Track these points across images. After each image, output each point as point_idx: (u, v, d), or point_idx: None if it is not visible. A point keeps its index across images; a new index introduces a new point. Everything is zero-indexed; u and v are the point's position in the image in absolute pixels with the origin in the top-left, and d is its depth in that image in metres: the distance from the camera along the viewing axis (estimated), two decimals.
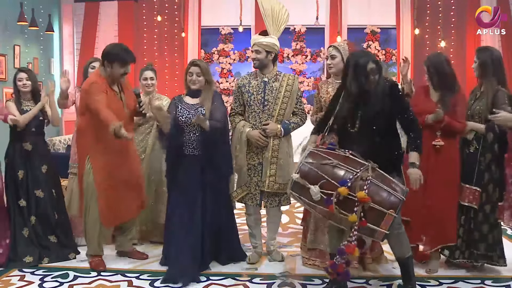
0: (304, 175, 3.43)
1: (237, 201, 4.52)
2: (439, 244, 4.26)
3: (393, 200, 3.26)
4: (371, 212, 3.27)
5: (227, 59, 10.19)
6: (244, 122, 4.44)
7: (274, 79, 4.42)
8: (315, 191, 3.34)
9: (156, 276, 4.19)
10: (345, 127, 3.66)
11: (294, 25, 10.04)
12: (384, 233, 3.25)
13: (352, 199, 3.27)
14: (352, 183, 3.30)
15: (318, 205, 3.40)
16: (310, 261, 4.40)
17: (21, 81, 4.59)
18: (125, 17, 10.34)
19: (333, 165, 3.41)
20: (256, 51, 4.40)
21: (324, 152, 3.53)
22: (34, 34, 9.45)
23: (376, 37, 10.01)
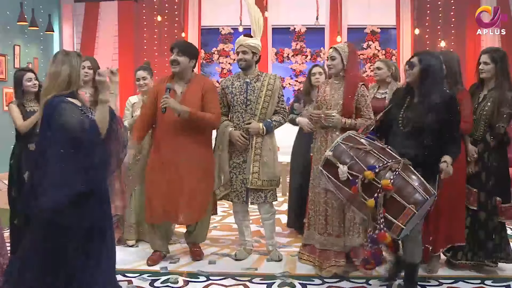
0: (337, 154, 3.52)
1: (222, 198, 4.62)
2: (447, 245, 4.27)
3: (417, 197, 3.27)
4: (392, 203, 3.29)
5: (227, 59, 10.21)
6: (227, 122, 4.57)
7: (256, 79, 4.54)
8: (344, 169, 3.43)
9: (156, 276, 4.20)
10: (396, 124, 3.68)
11: (294, 25, 10.06)
12: (401, 227, 3.25)
13: (376, 185, 3.32)
14: (380, 170, 3.35)
15: (343, 186, 3.46)
16: (305, 256, 4.41)
17: (31, 81, 4.51)
18: (125, 17, 10.35)
19: (367, 150, 3.49)
20: (244, 51, 4.51)
21: (362, 138, 3.61)
22: (34, 34, 9.46)
23: (376, 37, 10.03)
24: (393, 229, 3.32)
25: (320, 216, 4.21)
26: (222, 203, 5.50)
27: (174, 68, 4.43)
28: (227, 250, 4.95)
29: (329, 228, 4.18)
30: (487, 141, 4.23)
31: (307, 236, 4.38)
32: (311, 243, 4.34)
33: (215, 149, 4.60)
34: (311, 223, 4.34)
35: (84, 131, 3.02)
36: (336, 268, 4.16)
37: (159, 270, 4.36)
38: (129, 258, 4.65)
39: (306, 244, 4.41)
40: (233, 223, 5.85)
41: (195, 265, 4.51)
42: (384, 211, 3.30)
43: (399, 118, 3.68)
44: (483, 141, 4.25)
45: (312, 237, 4.32)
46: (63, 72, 3.11)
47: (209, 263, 4.53)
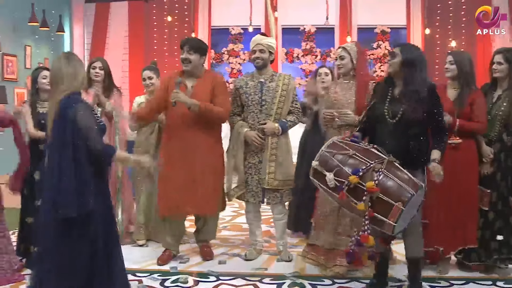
0: (322, 163, 3.55)
1: (237, 198, 4.63)
2: (459, 247, 4.24)
3: (403, 193, 3.28)
4: (380, 203, 3.31)
5: (237, 59, 10.21)
6: (242, 123, 4.56)
7: (271, 79, 4.53)
8: (330, 177, 3.45)
9: (166, 276, 4.21)
10: (383, 118, 3.67)
11: (304, 25, 10.04)
12: (393, 225, 3.26)
13: (362, 188, 3.33)
14: (364, 173, 3.37)
15: (333, 193, 3.49)
16: (309, 255, 4.42)
17: (46, 79, 4.49)
18: (135, 17, 10.38)
19: (350, 155, 3.50)
20: (261, 50, 4.51)
21: (345, 144, 3.62)
22: (45, 34, 9.50)
23: (386, 37, 9.99)
24: (386, 227, 3.34)
25: (331, 216, 4.21)
26: (232, 203, 5.50)
27: (186, 66, 4.46)
28: (237, 250, 4.95)
29: (340, 228, 4.18)
30: (503, 141, 4.21)
31: (314, 236, 4.38)
32: (316, 243, 4.34)
33: (229, 150, 4.60)
34: (319, 223, 4.33)
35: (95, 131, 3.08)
36: (339, 268, 4.15)
37: (169, 269, 4.37)
38: (139, 258, 4.66)
39: (311, 244, 4.41)
40: (243, 223, 5.87)
41: (205, 265, 4.52)
42: (372, 212, 3.31)
43: (385, 111, 3.67)
44: (499, 141, 4.22)
45: (319, 237, 4.31)
46: (81, 73, 3.21)
47: (219, 263, 4.54)
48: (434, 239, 4.17)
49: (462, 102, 4.13)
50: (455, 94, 4.22)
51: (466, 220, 4.19)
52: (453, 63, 4.20)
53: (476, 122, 4.12)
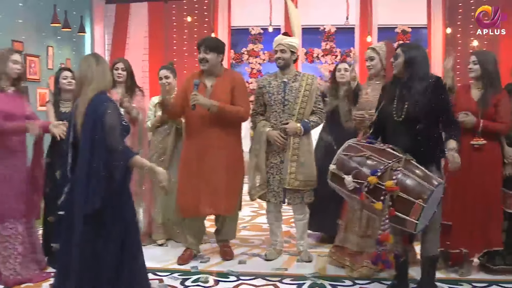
0: (340, 166, 3.56)
1: (259, 198, 4.62)
2: (484, 249, 4.19)
3: (423, 190, 3.28)
4: (401, 202, 3.30)
5: (256, 59, 10.21)
6: (264, 122, 4.56)
7: (294, 79, 4.51)
8: (349, 180, 3.45)
9: (187, 275, 4.23)
10: (391, 118, 3.67)
11: (324, 25, 10.01)
12: (415, 223, 3.25)
13: (382, 188, 3.33)
14: (382, 173, 3.37)
15: (353, 195, 3.49)
16: (335, 256, 4.43)
17: (66, 79, 4.58)
18: (155, 18, 10.43)
19: (367, 156, 3.50)
20: (282, 50, 4.49)
21: (361, 145, 3.63)
22: (66, 35, 9.59)
23: (407, 36, 9.91)
24: (408, 225, 3.33)
25: (363, 219, 4.20)
26: (251, 203, 5.50)
27: (203, 66, 4.47)
28: (257, 250, 4.95)
29: (369, 230, 4.16)
30: None
31: (342, 238, 4.37)
32: (343, 245, 4.32)
33: (251, 149, 4.60)
34: (348, 226, 4.32)
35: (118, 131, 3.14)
36: (366, 269, 4.14)
37: (190, 269, 4.38)
38: (160, 257, 4.69)
39: (337, 245, 4.40)
40: (262, 223, 5.88)
41: (225, 264, 4.53)
42: (393, 211, 3.31)
43: (393, 110, 3.67)
44: None
45: (347, 239, 4.30)
46: (109, 73, 3.32)
47: (239, 263, 4.54)
48: (459, 241, 4.13)
49: (486, 103, 4.08)
50: (478, 95, 4.17)
51: (490, 222, 4.14)
52: (477, 63, 4.16)
53: (500, 122, 4.07)
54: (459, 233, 4.13)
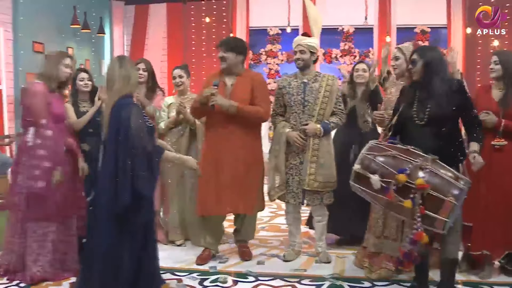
0: (364, 166, 3.52)
1: (278, 199, 4.60)
2: (506, 251, 4.13)
3: (453, 188, 3.26)
4: (430, 200, 3.27)
5: (274, 60, 10.22)
6: (284, 123, 4.54)
7: (314, 80, 4.49)
8: (375, 179, 3.41)
9: (206, 276, 4.23)
10: (412, 121, 3.65)
11: (342, 25, 9.98)
12: (444, 221, 3.22)
13: (411, 186, 3.30)
14: (410, 171, 3.33)
15: (378, 195, 3.46)
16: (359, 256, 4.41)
17: (83, 81, 4.64)
18: (173, 18, 10.50)
19: (393, 155, 3.47)
20: (301, 51, 4.48)
21: (384, 145, 3.60)
22: (86, 36, 9.68)
23: (426, 36, 9.87)
24: (437, 224, 3.30)
25: (378, 219, 4.19)
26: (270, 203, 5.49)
27: (222, 64, 4.50)
28: (275, 251, 4.94)
29: (386, 231, 4.14)
30: None
31: (366, 238, 4.36)
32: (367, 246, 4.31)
33: (271, 150, 4.59)
34: (371, 226, 4.31)
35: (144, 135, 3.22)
36: (385, 271, 4.11)
37: (208, 269, 4.39)
38: (179, 257, 4.70)
39: (363, 246, 4.40)
40: (281, 224, 5.87)
41: (244, 265, 4.52)
42: (423, 209, 3.28)
43: (413, 114, 3.64)
44: None
45: (368, 240, 4.29)
46: (133, 76, 3.37)
47: (258, 264, 4.53)
48: (481, 244, 4.08)
49: (507, 103, 4.04)
50: (500, 95, 4.13)
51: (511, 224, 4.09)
52: (498, 63, 4.11)
53: None
54: (480, 235, 4.09)
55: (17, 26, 8.20)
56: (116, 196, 3.16)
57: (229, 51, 4.47)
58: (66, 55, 4.34)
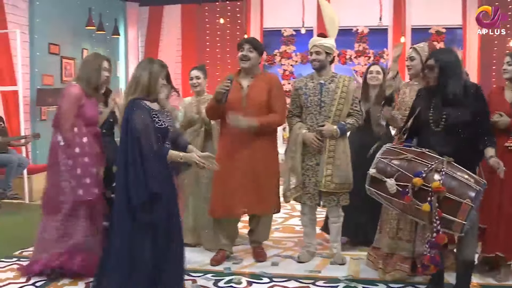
0: (380, 170, 3.52)
1: (293, 200, 4.59)
2: None
3: (470, 190, 3.24)
4: (447, 203, 3.26)
5: (289, 61, 10.20)
6: (300, 124, 4.51)
7: (330, 81, 4.47)
8: (391, 183, 3.41)
9: (220, 276, 4.23)
10: (428, 126, 3.63)
11: (357, 26, 9.95)
12: (462, 223, 3.21)
13: (427, 190, 3.29)
14: (426, 174, 3.32)
15: (394, 198, 3.45)
16: (372, 258, 4.40)
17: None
18: (188, 20, 10.53)
19: (408, 159, 3.46)
20: (317, 52, 4.46)
21: (399, 149, 3.59)
22: (101, 38, 9.74)
23: (441, 37, 9.80)
24: (454, 227, 3.28)
25: (392, 220, 4.17)
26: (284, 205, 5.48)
27: (244, 63, 4.46)
28: (290, 252, 4.93)
29: (400, 232, 4.12)
30: None
31: (377, 239, 4.35)
32: (379, 246, 4.29)
33: (287, 151, 4.58)
34: (383, 227, 4.29)
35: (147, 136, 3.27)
36: (399, 272, 4.09)
37: (223, 270, 4.39)
38: (193, 258, 4.69)
39: (375, 247, 4.38)
40: (295, 225, 5.87)
41: (258, 266, 4.52)
42: (440, 212, 3.26)
43: (430, 118, 3.62)
44: None
45: (381, 240, 4.27)
46: (142, 78, 3.38)
47: (272, 265, 4.53)
48: (495, 245, 4.06)
49: None
50: None
51: None
52: (511, 63, 4.08)
53: None
54: (494, 237, 4.06)
55: (33, 28, 8.29)
56: (128, 195, 3.25)
57: (254, 50, 4.47)
58: (105, 58, 4.35)
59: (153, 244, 3.36)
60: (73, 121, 4.12)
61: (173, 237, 3.46)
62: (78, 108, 4.13)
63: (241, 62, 4.47)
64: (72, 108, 4.11)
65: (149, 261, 3.34)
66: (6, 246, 5.02)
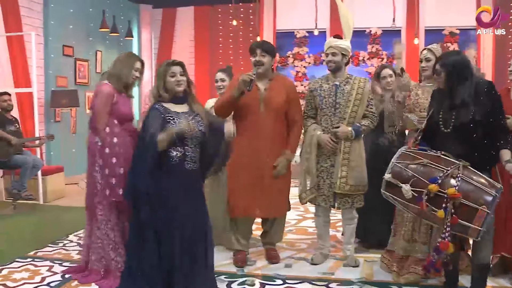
0: (395, 175, 3.50)
1: (308, 202, 4.56)
2: None
3: (486, 196, 3.21)
4: (463, 209, 3.24)
5: (302, 63, 10.20)
6: (315, 126, 4.51)
7: (345, 82, 4.45)
8: (406, 189, 3.39)
9: (233, 278, 4.24)
10: (439, 128, 3.62)
11: (370, 27, 9.93)
12: (478, 230, 3.19)
13: (443, 196, 3.27)
14: (442, 180, 3.30)
15: (410, 204, 3.44)
16: (386, 261, 4.38)
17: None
18: (201, 22, 10.56)
19: (424, 164, 3.44)
20: (333, 53, 4.44)
21: (415, 153, 3.57)
22: (115, 40, 9.80)
23: (455, 38, 9.76)
24: (470, 233, 3.26)
25: (407, 222, 4.15)
26: (297, 206, 5.48)
27: (258, 68, 4.43)
28: (303, 254, 4.92)
29: (415, 234, 4.10)
30: None
31: (392, 242, 4.33)
32: (393, 250, 4.27)
33: (302, 152, 4.58)
34: (397, 230, 4.27)
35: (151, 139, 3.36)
36: (413, 275, 4.07)
37: (236, 271, 4.39)
38: None
39: (389, 250, 4.36)
40: (308, 227, 5.86)
41: (272, 268, 4.51)
42: (456, 218, 3.24)
43: (440, 120, 3.61)
44: None
45: (396, 243, 4.25)
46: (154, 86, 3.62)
47: (285, 267, 4.53)
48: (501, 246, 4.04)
49: None
50: None
51: None
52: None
53: None
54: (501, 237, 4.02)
55: (48, 30, 8.35)
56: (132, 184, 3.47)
57: (267, 54, 4.46)
58: (138, 59, 4.34)
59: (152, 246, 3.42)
60: (106, 120, 4.10)
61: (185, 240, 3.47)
62: (111, 105, 4.11)
63: (256, 68, 4.44)
64: (105, 107, 4.09)
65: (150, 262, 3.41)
66: (21, 246, 5.07)
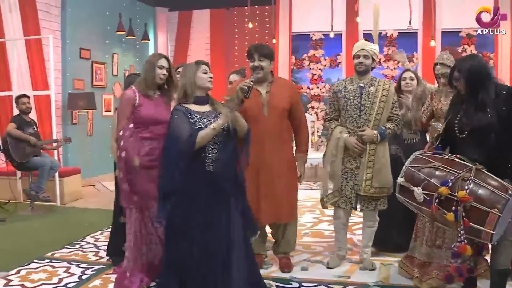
0: (408, 178, 3.51)
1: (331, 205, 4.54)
2: None
3: (497, 199, 3.18)
4: (474, 212, 3.21)
5: (317, 65, 10.19)
6: (341, 128, 4.47)
7: (370, 84, 4.43)
8: (418, 192, 3.40)
9: None
10: (455, 133, 3.62)
11: (386, 29, 9.88)
12: (491, 233, 3.15)
13: (454, 199, 3.26)
14: (453, 183, 3.29)
15: (423, 207, 3.44)
16: (405, 267, 4.33)
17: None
18: (216, 24, 10.59)
19: (436, 167, 3.44)
20: (365, 56, 4.41)
21: (428, 157, 3.57)
22: (131, 42, 9.86)
23: (472, 40, 9.69)
24: (483, 236, 3.23)
25: (430, 228, 4.12)
26: (313, 209, 5.47)
27: (257, 73, 4.35)
28: (319, 257, 4.91)
29: (439, 240, 4.07)
30: None
31: (412, 247, 4.30)
32: (415, 255, 4.24)
33: (327, 156, 4.54)
34: (418, 235, 4.25)
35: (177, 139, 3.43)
36: (436, 281, 4.03)
37: None
38: None
39: (408, 255, 4.33)
40: (324, 230, 5.85)
41: None
42: (467, 222, 3.21)
43: (455, 125, 3.59)
44: None
45: (417, 249, 4.23)
46: (181, 85, 3.65)
47: (301, 270, 4.51)
48: None
49: None
50: None
51: None
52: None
53: None
54: None
55: (65, 33, 8.42)
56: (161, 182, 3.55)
57: (265, 58, 4.37)
58: (162, 56, 4.18)
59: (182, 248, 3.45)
60: (124, 124, 4.03)
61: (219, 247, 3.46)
62: (132, 109, 4.03)
63: (255, 73, 4.36)
64: (124, 111, 4.04)
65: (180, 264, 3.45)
66: (38, 247, 5.12)
